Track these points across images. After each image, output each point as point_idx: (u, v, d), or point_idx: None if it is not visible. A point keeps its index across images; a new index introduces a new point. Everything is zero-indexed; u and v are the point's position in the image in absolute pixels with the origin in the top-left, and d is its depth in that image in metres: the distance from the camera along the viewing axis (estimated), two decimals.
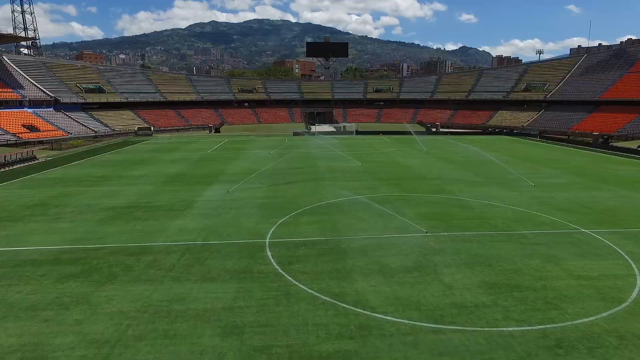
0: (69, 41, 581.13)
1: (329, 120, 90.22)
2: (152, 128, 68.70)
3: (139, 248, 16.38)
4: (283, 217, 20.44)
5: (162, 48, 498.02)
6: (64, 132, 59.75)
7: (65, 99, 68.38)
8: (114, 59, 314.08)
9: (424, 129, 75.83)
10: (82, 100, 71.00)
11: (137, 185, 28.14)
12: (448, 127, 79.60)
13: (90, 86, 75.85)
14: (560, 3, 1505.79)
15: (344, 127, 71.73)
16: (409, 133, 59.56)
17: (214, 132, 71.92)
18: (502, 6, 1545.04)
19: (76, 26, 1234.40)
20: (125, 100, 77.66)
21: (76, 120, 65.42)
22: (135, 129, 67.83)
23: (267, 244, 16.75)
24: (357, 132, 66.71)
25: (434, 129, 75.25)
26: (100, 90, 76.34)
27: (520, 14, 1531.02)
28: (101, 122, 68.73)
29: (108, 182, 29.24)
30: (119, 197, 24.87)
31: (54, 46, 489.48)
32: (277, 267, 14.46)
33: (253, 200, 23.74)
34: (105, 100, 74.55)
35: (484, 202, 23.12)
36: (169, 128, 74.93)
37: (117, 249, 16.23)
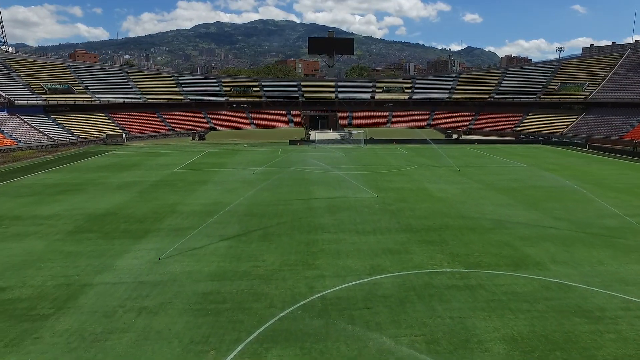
0: (74, 42, 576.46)
1: (333, 124, 79.63)
2: (123, 135, 58.34)
3: None
4: (234, 346, 9.88)
5: (167, 49, 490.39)
6: (12, 141, 49.62)
7: (23, 100, 58.32)
8: (119, 60, 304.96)
9: (442, 136, 65.05)
10: (44, 102, 60.87)
11: (26, 240, 17.72)
12: (470, 133, 68.93)
13: (57, 86, 65.75)
14: (565, 3, 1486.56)
15: (350, 134, 60.28)
16: (426, 141, 48.92)
17: (198, 140, 61.57)
18: (507, 6, 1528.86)
19: (82, 27, 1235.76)
20: (97, 101, 67.49)
21: (33, 126, 55.29)
22: (104, 136, 57.58)
23: None
24: (366, 141, 55.08)
25: (454, 136, 64.41)
26: (68, 91, 66.23)
27: (524, 14, 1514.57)
28: (65, 128, 58.59)
29: None
30: None
31: (60, 47, 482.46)
32: None
33: (190, 286, 13.20)
34: (72, 102, 64.37)
35: (613, 294, 12.43)
36: (146, 134, 64.70)
37: None
